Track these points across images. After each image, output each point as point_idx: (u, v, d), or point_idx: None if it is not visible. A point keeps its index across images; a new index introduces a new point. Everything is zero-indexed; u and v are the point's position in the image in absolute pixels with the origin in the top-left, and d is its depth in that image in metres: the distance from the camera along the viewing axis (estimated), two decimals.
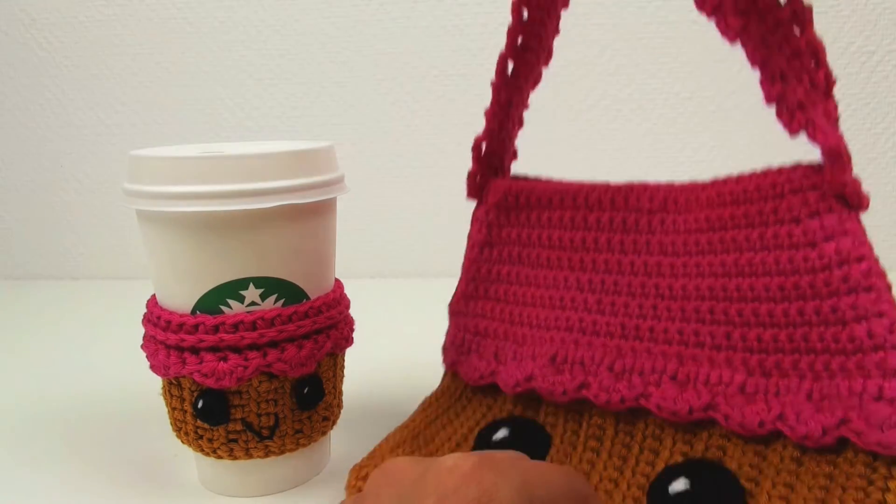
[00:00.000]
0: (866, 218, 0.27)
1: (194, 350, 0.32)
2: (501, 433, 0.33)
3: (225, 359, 0.32)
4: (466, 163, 0.37)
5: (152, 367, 0.34)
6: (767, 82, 0.27)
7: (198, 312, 0.32)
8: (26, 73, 0.77)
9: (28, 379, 0.52)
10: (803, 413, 0.26)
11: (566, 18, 0.77)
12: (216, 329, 0.32)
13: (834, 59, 0.71)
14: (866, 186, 0.27)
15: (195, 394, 0.33)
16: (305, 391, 0.34)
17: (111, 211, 0.80)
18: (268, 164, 0.31)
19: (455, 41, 0.73)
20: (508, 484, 0.19)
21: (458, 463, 0.20)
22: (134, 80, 0.77)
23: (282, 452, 0.34)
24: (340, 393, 0.38)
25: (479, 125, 0.83)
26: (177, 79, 0.76)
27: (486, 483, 0.19)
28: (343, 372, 0.38)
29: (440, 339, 0.38)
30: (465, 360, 0.36)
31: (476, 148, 0.36)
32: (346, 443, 0.40)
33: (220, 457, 0.34)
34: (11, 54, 0.76)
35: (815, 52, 0.27)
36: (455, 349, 0.37)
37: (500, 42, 0.83)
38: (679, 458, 0.29)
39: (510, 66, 0.36)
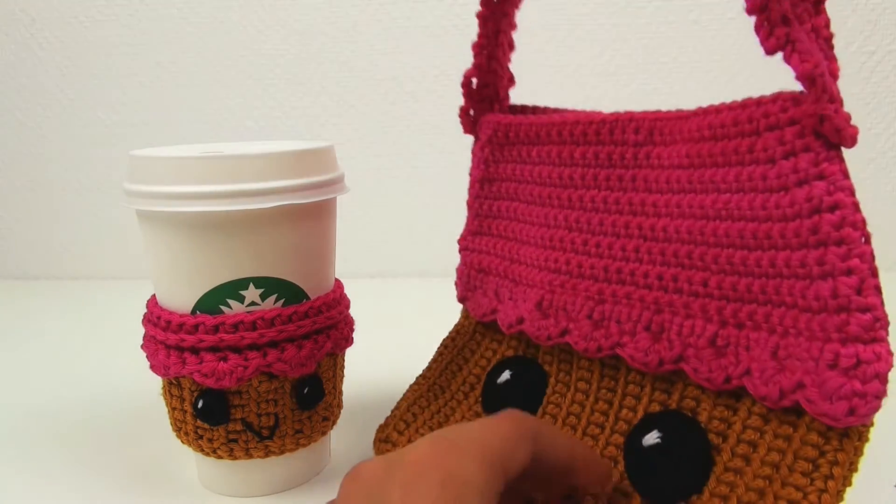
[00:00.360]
0: (864, 218, 0.27)
1: (194, 350, 0.32)
2: (505, 375, 0.34)
3: (225, 359, 0.32)
4: (466, 162, 0.37)
5: (152, 367, 0.34)
6: None
7: (198, 312, 0.32)
8: (26, 73, 0.77)
9: (28, 379, 0.52)
10: (767, 371, 0.25)
11: (566, 19, 0.77)
12: (216, 329, 0.32)
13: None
14: (866, 186, 0.26)
15: (195, 394, 0.33)
16: (305, 391, 0.34)
17: (111, 211, 0.80)
18: (268, 164, 0.31)
19: (455, 41, 0.73)
20: (470, 457, 0.20)
21: (418, 451, 0.20)
22: (134, 80, 0.77)
23: (282, 452, 0.34)
24: (340, 393, 0.38)
25: None
26: (177, 79, 0.76)
27: (448, 464, 0.20)
28: (343, 372, 0.38)
29: (440, 338, 0.38)
30: (472, 296, 0.37)
31: (466, 84, 0.36)
32: (346, 443, 0.40)
33: (220, 457, 0.34)
34: (11, 54, 0.76)
35: None
36: (463, 285, 0.38)
37: None
38: (657, 407, 0.29)
39: None
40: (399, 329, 0.61)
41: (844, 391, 0.23)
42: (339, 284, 0.37)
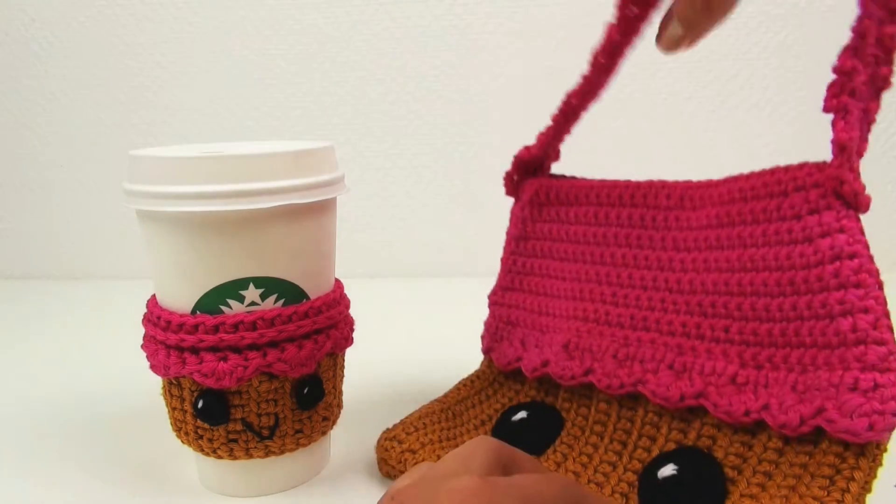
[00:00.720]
0: (866, 217, 0.27)
1: (194, 350, 0.32)
2: (520, 415, 0.36)
3: (225, 359, 0.32)
4: (466, 163, 0.37)
5: (152, 367, 0.34)
6: (847, 53, 0.26)
7: (198, 312, 0.32)
8: (26, 73, 0.77)
9: (28, 379, 0.52)
10: (785, 402, 0.27)
11: (566, 18, 0.77)
12: (216, 329, 0.32)
13: (834, 59, 0.71)
14: (867, 186, 0.27)
15: (195, 394, 0.33)
16: (305, 391, 0.34)
17: (111, 211, 0.80)
18: (268, 164, 0.31)
19: (455, 41, 0.73)
20: (510, 499, 0.21)
21: (462, 481, 0.21)
22: (134, 80, 0.77)
23: (282, 452, 0.34)
24: (340, 393, 0.38)
25: (478, 125, 0.83)
26: (177, 79, 0.76)
27: (492, 501, 0.21)
28: (343, 372, 0.38)
29: (440, 338, 0.38)
30: (497, 346, 0.39)
31: (522, 155, 0.39)
32: (346, 443, 0.40)
33: (220, 457, 0.34)
34: (11, 54, 0.76)
35: (891, 48, 0.27)
36: (490, 336, 0.40)
37: (500, 42, 0.83)
38: (672, 446, 0.30)
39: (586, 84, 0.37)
40: (399, 329, 0.61)
41: (864, 409, 0.25)
42: (339, 284, 0.37)
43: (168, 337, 0.32)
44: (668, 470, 0.29)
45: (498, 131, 0.75)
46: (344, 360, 0.38)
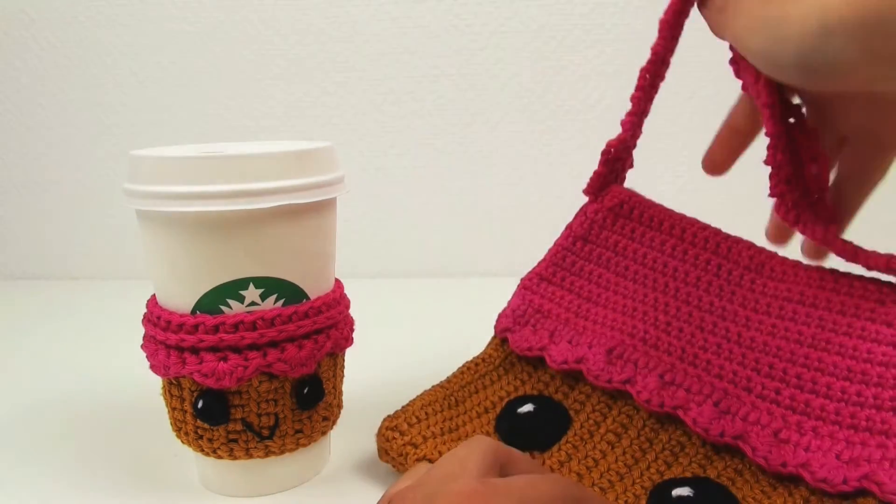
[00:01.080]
0: (865, 217, 0.27)
1: (194, 350, 0.32)
2: (527, 407, 0.36)
3: (225, 359, 0.32)
4: (465, 162, 0.37)
5: (152, 367, 0.34)
6: None
7: (198, 312, 0.32)
8: (26, 73, 0.77)
9: (28, 379, 0.52)
10: (828, 465, 0.28)
11: (567, 18, 0.77)
12: (216, 329, 0.32)
13: None
14: None
15: (195, 394, 0.33)
16: (305, 391, 0.34)
17: (111, 211, 0.80)
18: (268, 164, 0.31)
19: (455, 41, 0.73)
20: (508, 501, 0.21)
21: (460, 484, 0.22)
22: (134, 80, 0.76)
23: (282, 452, 0.34)
24: (340, 393, 0.38)
25: (478, 125, 0.83)
26: (177, 79, 0.76)
27: (488, 502, 0.21)
28: (343, 372, 0.38)
29: (440, 338, 0.38)
30: (519, 330, 0.38)
31: (606, 151, 0.39)
32: (346, 443, 0.40)
33: (220, 457, 0.34)
34: (11, 54, 0.76)
35: None
36: (513, 318, 0.39)
37: (500, 42, 0.83)
38: (688, 475, 0.30)
39: (649, 78, 0.38)
40: (399, 329, 0.61)
41: None
42: (339, 284, 0.37)
43: (168, 337, 0.32)
44: (683, 490, 0.29)
45: (498, 131, 0.75)
46: (344, 360, 0.38)
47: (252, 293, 0.32)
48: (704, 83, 0.73)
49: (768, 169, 0.31)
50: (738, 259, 0.35)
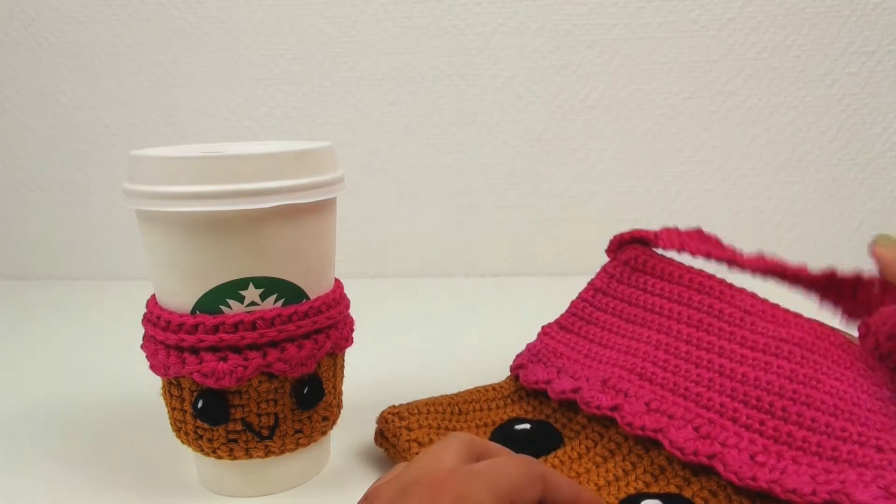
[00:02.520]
0: (865, 217, 0.27)
1: (194, 350, 0.32)
2: (524, 426, 0.38)
3: (225, 359, 0.32)
4: (466, 162, 0.37)
5: (152, 367, 0.34)
6: None
7: (197, 312, 0.32)
8: (26, 73, 0.77)
9: (28, 379, 0.52)
10: (799, 480, 0.29)
11: (567, 18, 0.77)
12: (216, 329, 0.32)
13: (834, 59, 0.71)
14: (866, 186, 0.27)
15: (195, 394, 0.33)
16: (305, 391, 0.34)
17: (111, 211, 0.80)
18: (268, 164, 0.31)
19: (455, 41, 0.73)
20: (483, 487, 0.22)
21: (432, 475, 0.22)
22: (134, 80, 0.76)
23: (282, 452, 0.34)
24: (340, 393, 0.38)
25: (478, 125, 0.82)
26: (177, 79, 0.76)
27: (461, 489, 0.22)
28: (343, 372, 0.38)
29: (440, 338, 0.38)
30: (531, 367, 0.40)
31: (641, 236, 0.42)
32: (346, 443, 0.40)
33: (220, 457, 0.34)
34: (11, 54, 0.76)
35: None
36: (529, 356, 0.41)
37: (500, 42, 0.83)
38: (670, 490, 0.32)
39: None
40: (399, 329, 0.61)
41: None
42: (339, 284, 0.37)
43: (168, 337, 0.32)
44: (653, 502, 0.31)
45: (498, 131, 0.75)
46: (344, 360, 0.38)
47: (252, 293, 0.32)
48: (704, 83, 0.73)
49: (768, 169, 0.31)
50: (740, 304, 0.37)
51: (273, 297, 0.33)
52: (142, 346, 0.35)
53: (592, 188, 0.75)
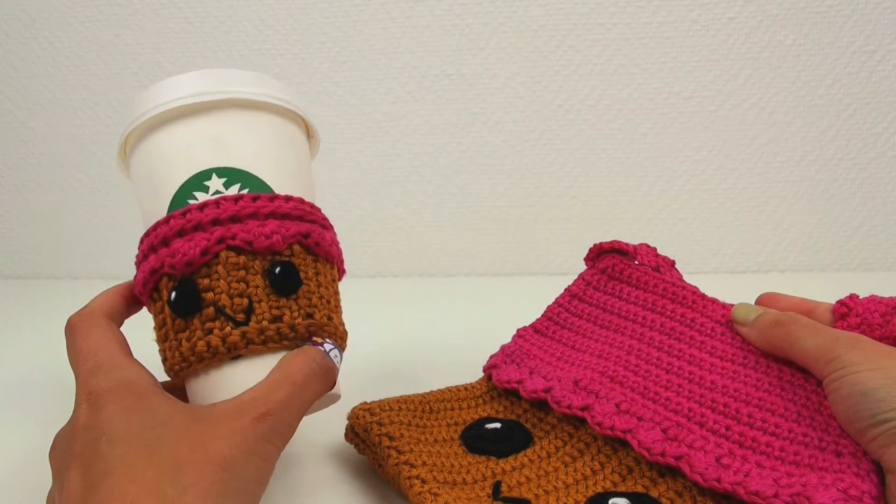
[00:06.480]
0: (865, 217, 0.27)
1: (165, 242, 0.33)
2: (494, 425, 0.38)
3: (191, 238, 0.33)
4: (465, 162, 0.37)
5: (139, 294, 0.35)
6: None
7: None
8: (26, 73, 0.77)
9: (28, 379, 0.52)
10: (763, 483, 0.29)
11: (567, 18, 0.76)
12: (184, 215, 0.33)
13: (834, 59, 0.71)
14: (866, 186, 0.27)
15: (170, 293, 0.33)
16: (277, 270, 0.33)
17: (112, 211, 0.80)
18: (232, 76, 0.36)
19: (455, 41, 0.73)
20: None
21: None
22: (134, 80, 0.77)
23: (263, 343, 0.33)
24: (337, 310, 0.36)
25: (478, 124, 0.82)
26: None
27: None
28: (338, 297, 0.37)
29: (440, 338, 0.38)
30: (503, 367, 0.41)
31: (620, 247, 0.44)
32: (345, 442, 0.40)
33: (202, 359, 0.33)
34: (11, 54, 0.77)
35: None
36: (503, 356, 0.42)
37: (500, 42, 0.83)
38: (637, 489, 0.33)
39: None
40: (398, 329, 0.61)
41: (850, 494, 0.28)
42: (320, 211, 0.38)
43: (145, 242, 0.34)
44: (620, 500, 0.31)
45: (497, 131, 0.75)
46: (337, 285, 0.37)
47: (215, 182, 0.34)
48: (704, 83, 0.73)
49: (768, 169, 0.32)
50: (712, 314, 0.39)
51: (237, 186, 0.34)
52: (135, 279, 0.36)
53: (592, 188, 0.75)
